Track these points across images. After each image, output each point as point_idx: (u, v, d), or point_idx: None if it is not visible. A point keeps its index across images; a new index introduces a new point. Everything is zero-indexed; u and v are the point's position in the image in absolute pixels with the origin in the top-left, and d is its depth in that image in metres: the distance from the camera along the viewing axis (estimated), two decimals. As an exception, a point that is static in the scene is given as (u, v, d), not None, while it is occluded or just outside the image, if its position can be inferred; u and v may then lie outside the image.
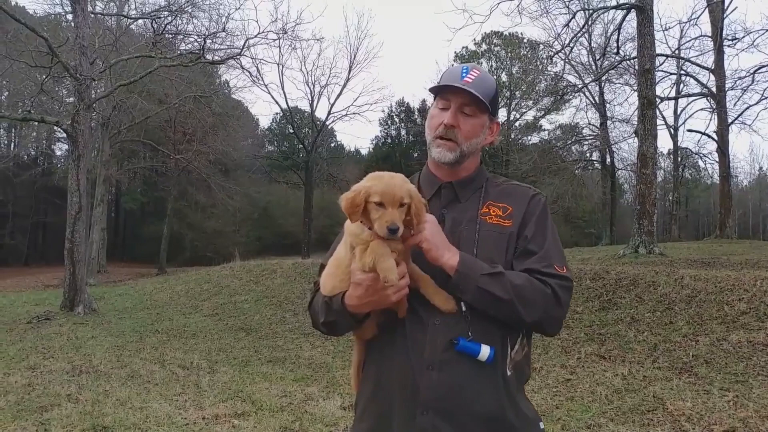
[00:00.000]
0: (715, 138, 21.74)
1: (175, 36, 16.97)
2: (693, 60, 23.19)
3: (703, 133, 26.46)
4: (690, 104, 29.02)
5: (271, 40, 21.76)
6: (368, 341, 1.62)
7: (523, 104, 36.77)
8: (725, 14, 19.99)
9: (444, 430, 1.43)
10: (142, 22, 19.29)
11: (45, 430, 4.46)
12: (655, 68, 14.96)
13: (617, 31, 16.00)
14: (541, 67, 28.83)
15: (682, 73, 25.87)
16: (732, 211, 21.25)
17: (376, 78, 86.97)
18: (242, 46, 14.95)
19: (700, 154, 30.02)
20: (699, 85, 23.85)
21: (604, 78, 25.07)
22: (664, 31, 27.55)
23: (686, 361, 5.72)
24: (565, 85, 27.03)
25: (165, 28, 15.61)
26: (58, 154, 40.19)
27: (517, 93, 36.12)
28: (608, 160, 29.79)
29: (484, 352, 1.44)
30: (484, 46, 37.71)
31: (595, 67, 26.09)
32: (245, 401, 5.22)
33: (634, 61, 16.78)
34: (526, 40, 33.47)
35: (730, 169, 22.25)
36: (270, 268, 13.42)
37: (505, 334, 1.50)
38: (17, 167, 32.79)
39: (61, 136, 30.25)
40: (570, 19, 15.99)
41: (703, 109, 30.40)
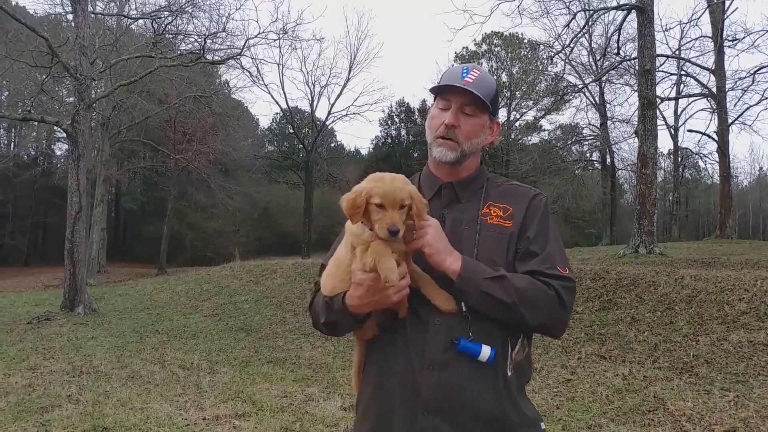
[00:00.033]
0: (716, 138, 21.75)
1: (176, 36, 16.99)
2: (693, 60, 23.23)
3: (703, 134, 26.53)
4: (690, 105, 29.11)
5: (272, 41, 21.81)
6: (369, 341, 1.62)
7: (524, 104, 36.77)
8: (726, 15, 20.02)
9: (444, 430, 1.42)
10: (142, 22, 19.33)
11: (46, 430, 4.46)
12: (656, 69, 14.97)
13: (618, 32, 16.03)
14: (541, 68, 28.86)
15: (683, 73, 25.89)
16: (732, 211, 21.26)
17: (377, 78, 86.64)
18: (242, 46, 14.94)
19: (701, 155, 30.06)
20: (699, 85, 23.87)
21: (604, 78, 25.08)
22: (665, 31, 27.64)
23: (687, 361, 5.72)
24: (566, 85, 27.04)
25: (165, 28, 15.63)
26: (58, 154, 40.25)
27: (518, 93, 36.11)
28: (608, 161, 29.80)
29: (485, 352, 1.44)
30: (485, 47, 37.72)
31: (595, 68, 26.09)
32: (246, 402, 5.22)
33: (635, 61, 16.77)
34: (527, 41, 33.51)
35: (731, 170, 22.25)
36: (270, 269, 13.42)
37: (505, 335, 1.50)
38: (17, 167, 32.77)
39: (61, 136, 30.26)
40: (570, 20, 15.98)
41: (703, 110, 30.60)
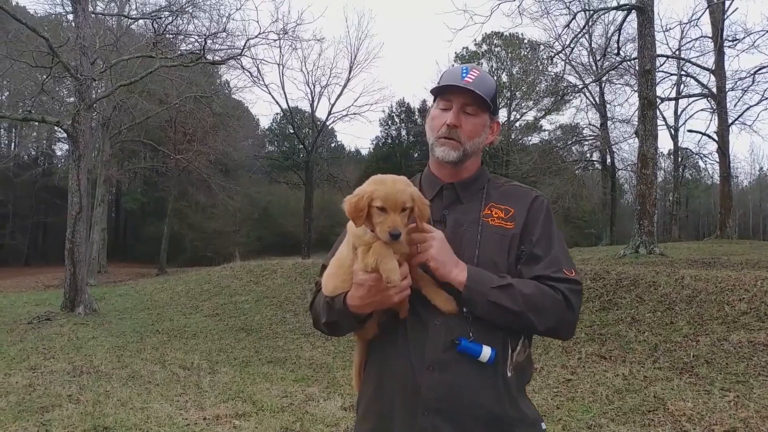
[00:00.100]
0: (716, 138, 21.76)
1: (176, 36, 17.00)
2: (693, 61, 23.24)
3: (703, 134, 26.53)
4: (690, 105, 29.10)
5: (272, 41, 21.76)
6: (370, 341, 1.62)
7: (524, 105, 36.80)
8: (726, 15, 20.03)
9: (444, 430, 1.42)
10: (142, 22, 19.34)
11: (46, 430, 4.46)
12: (656, 69, 14.98)
13: (618, 32, 16.04)
14: (541, 68, 28.84)
15: (683, 73, 25.89)
16: (732, 212, 21.26)
17: (377, 78, 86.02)
18: (243, 46, 14.95)
19: (701, 155, 30.06)
20: (699, 85, 23.87)
21: (604, 78, 25.09)
22: (665, 32, 27.64)
23: (687, 361, 5.72)
24: (566, 85, 27.04)
25: (166, 29, 15.64)
26: (59, 154, 40.25)
27: (518, 93, 36.13)
28: (608, 161, 29.80)
29: (486, 353, 1.44)
30: (485, 47, 37.74)
31: (595, 68, 26.09)
32: (246, 402, 5.22)
33: (635, 61, 16.77)
34: (527, 41, 33.53)
35: (731, 170, 22.27)
36: (270, 269, 13.42)
37: (506, 336, 1.50)
38: (18, 167, 32.78)
39: (62, 136, 30.27)
40: (570, 20, 15.98)
41: (703, 110, 30.56)
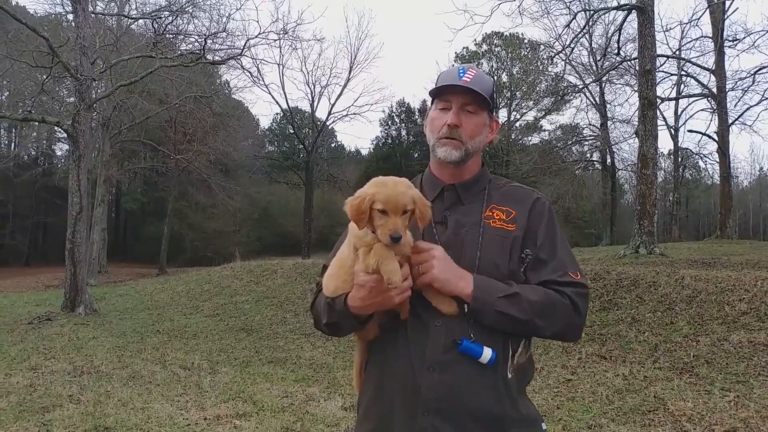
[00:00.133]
0: (716, 138, 21.77)
1: (176, 36, 17.00)
2: (694, 61, 23.25)
3: (703, 134, 26.54)
4: (690, 105, 29.12)
5: (272, 41, 21.78)
6: (370, 342, 1.62)
7: (524, 105, 36.80)
8: (726, 15, 20.03)
9: (444, 430, 1.43)
10: (142, 22, 19.34)
11: (47, 430, 4.47)
12: (656, 69, 14.99)
13: (618, 32, 16.03)
14: (541, 68, 28.83)
15: (683, 73, 25.90)
16: (732, 212, 21.26)
17: (377, 78, 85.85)
18: (243, 46, 14.94)
19: (701, 155, 30.07)
20: (699, 85, 23.88)
21: (604, 78, 25.09)
22: (665, 32, 27.65)
23: (687, 361, 5.72)
24: (566, 85, 27.04)
25: (166, 29, 15.64)
26: (59, 154, 40.26)
27: (518, 93, 36.13)
28: (609, 161, 29.81)
29: (486, 354, 1.44)
30: (485, 47, 37.74)
31: (595, 68, 26.09)
32: (246, 402, 5.22)
33: (635, 61, 16.77)
34: (527, 41, 33.52)
35: (731, 170, 22.28)
36: (270, 269, 13.42)
37: (507, 337, 1.50)
38: (18, 167, 32.79)
39: (62, 136, 30.27)
40: (571, 20, 15.98)
41: (703, 110, 30.57)
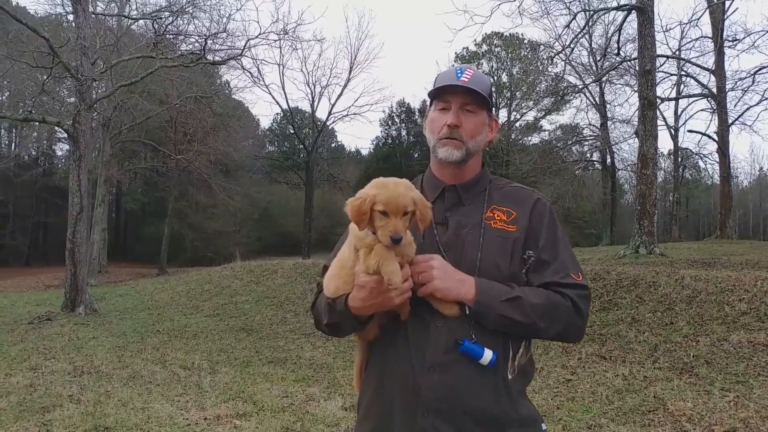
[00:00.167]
0: (716, 138, 21.77)
1: (176, 36, 17.01)
2: (693, 61, 23.25)
3: (703, 134, 26.55)
4: (690, 105, 29.13)
5: (272, 41, 21.72)
6: (370, 342, 1.62)
7: (524, 105, 36.81)
8: (726, 15, 20.03)
9: (444, 431, 1.43)
10: (143, 22, 19.34)
11: (47, 430, 4.47)
12: (656, 69, 14.98)
13: (618, 32, 16.04)
14: (541, 68, 28.81)
15: (683, 74, 25.90)
16: (732, 212, 21.25)
17: (377, 78, 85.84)
18: (243, 46, 14.97)
19: (701, 155, 30.08)
20: (699, 86, 23.88)
21: (604, 79, 25.09)
22: (665, 32, 27.54)
23: (687, 361, 5.73)
24: (566, 85, 27.05)
25: (166, 29, 15.63)
26: (59, 154, 40.28)
27: (518, 94, 36.12)
28: (609, 161, 29.81)
29: (487, 355, 1.44)
30: (485, 47, 37.75)
31: (595, 68, 26.09)
32: (246, 402, 5.23)
33: (635, 62, 16.77)
34: (527, 41, 33.52)
35: (731, 170, 22.28)
36: (271, 269, 13.42)
37: (507, 338, 1.51)
38: (18, 167, 32.81)
39: (62, 136, 30.30)
40: (571, 20, 15.97)
41: (703, 110, 30.60)
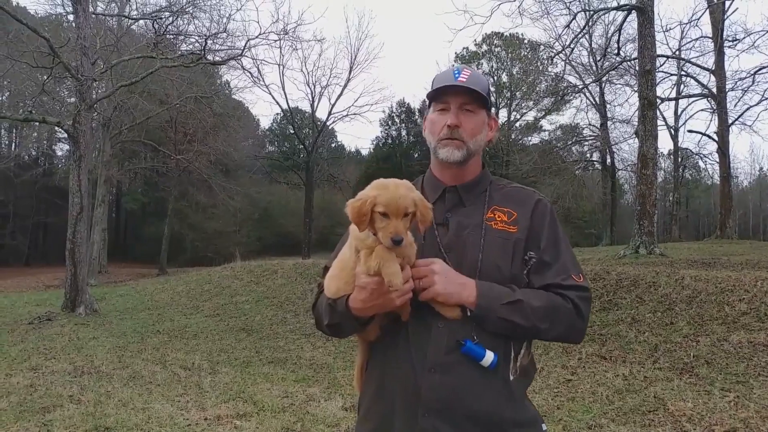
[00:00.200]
0: (716, 139, 21.77)
1: (177, 36, 17.01)
2: (693, 61, 23.25)
3: (703, 134, 26.55)
4: (690, 105, 29.14)
5: (272, 41, 21.69)
6: (371, 343, 1.63)
7: (524, 105, 36.80)
8: (726, 15, 20.03)
9: (444, 431, 1.43)
10: (143, 22, 19.32)
11: (48, 430, 4.47)
12: (656, 69, 14.98)
13: (618, 32, 16.04)
14: (541, 68, 28.82)
15: (683, 74, 25.90)
16: (732, 212, 21.25)
17: (377, 78, 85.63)
18: (243, 46, 14.99)
19: (701, 155, 30.09)
20: (699, 86, 23.88)
21: (604, 79, 25.09)
22: (665, 32, 27.55)
23: (687, 361, 5.73)
24: (566, 85, 27.05)
25: (166, 29, 15.63)
26: (59, 154, 40.29)
27: (518, 94, 36.12)
28: (608, 161, 29.81)
29: (488, 357, 1.45)
30: (485, 47, 37.74)
31: (595, 68, 26.09)
32: (247, 402, 5.23)
33: (635, 62, 16.78)
34: (527, 41, 33.50)
35: (731, 170, 22.28)
36: (271, 269, 13.42)
37: (509, 339, 1.51)
38: (18, 167, 32.83)
39: (62, 136, 30.31)
40: (571, 21, 15.97)
41: (703, 110, 30.61)
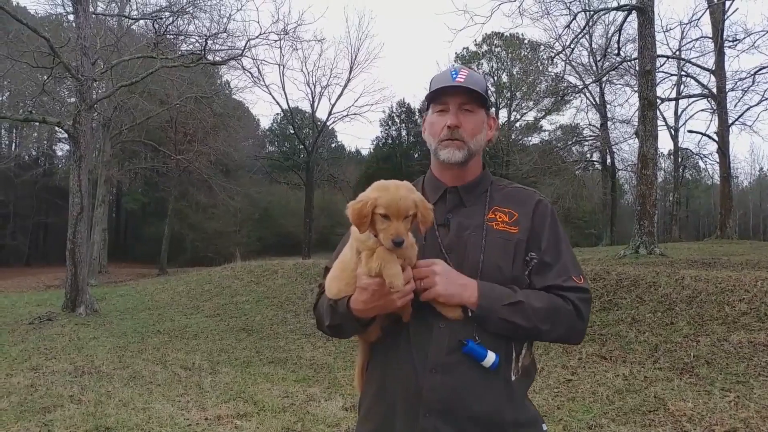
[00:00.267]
0: (716, 139, 21.76)
1: (177, 37, 17.02)
2: (693, 61, 23.25)
3: (703, 134, 26.55)
4: (690, 105, 29.13)
5: (273, 41, 21.70)
6: (372, 343, 1.63)
7: (524, 105, 36.80)
8: (726, 15, 20.03)
9: (445, 431, 1.43)
10: (143, 22, 19.33)
11: (48, 430, 4.48)
12: (656, 69, 14.97)
13: (618, 33, 16.03)
14: (541, 68, 28.82)
15: (683, 74, 25.90)
16: (732, 212, 21.24)
17: (377, 79, 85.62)
18: (243, 46, 15.01)
19: (701, 155, 30.09)
20: (699, 86, 23.88)
21: (604, 79, 25.09)
22: (665, 32, 27.54)
23: (687, 361, 5.73)
24: (566, 86, 27.06)
25: (166, 29, 15.63)
26: (60, 154, 40.27)
27: (518, 94, 36.12)
28: (609, 161, 29.81)
29: (490, 358, 1.45)
30: (485, 47, 37.74)
31: (595, 68, 26.09)
32: (247, 402, 5.24)
33: (635, 62, 16.78)
34: (527, 41, 33.50)
35: (731, 170, 22.27)
36: (271, 269, 13.42)
37: (510, 340, 1.51)
38: (19, 168, 32.82)
39: (63, 136, 30.32)
40: (571, 21, 15.97)
41: (703, 110, 30.63)
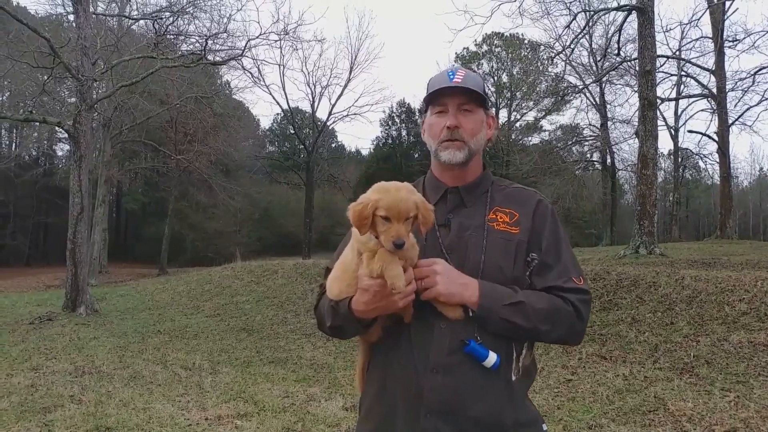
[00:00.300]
0: (716, 139, 21.76)
1: (177, 37, 17.02)
2: (694, 61, 23.25)
3: (703, 134, 26.55)
4: (690, 105, 29.13)
5: (273, 41, 21.70)
6: (373, 343, 1.63)
7: (524, 105, 36.79)
8: (726, 16, 20.03)
9: (445, 432, 1.43)
10: (143, 22, 19.33)
11: (48, 431, 4.48)
12: (656, 69, 14.98)
13: (618, 33, 16.03)
14: (542, 68, 28.80)
15: (683, 74, 25.90)
16: (732, 212, 21.25)
17: (377, 79, 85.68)
18: (244, 46, 15.01)
19: (701, 155, 30.09)
20: (699, 86, 23.89)
21: (604, 79, 25.09)
22: (665, 32, 27.59)
23: (687, 361, 5.73)
24: (566, 86, 27.05)
25: (167, 29, 15.64)
26: (60, 154, 40.27)
27: (518, 94, 36.12)
28: (609, 161, 29.80)
29: (491, 358, 1.45)
30: (485, 47, 37.74)
31: (595, 68, 26.09)
32: (247, 402, 5.24)
33: (635, 62, 16.77)
34: (527, 42, 33.48)
35: (731, 170, 22.28)
36: (271, 269, 13.43)
37: (511, 340, 1.51)
38: (19, 168, 32.82)
39: (63, 136, 30.35)
40: (571, 21, 15.97)
41: (703, 110, 30.63)
